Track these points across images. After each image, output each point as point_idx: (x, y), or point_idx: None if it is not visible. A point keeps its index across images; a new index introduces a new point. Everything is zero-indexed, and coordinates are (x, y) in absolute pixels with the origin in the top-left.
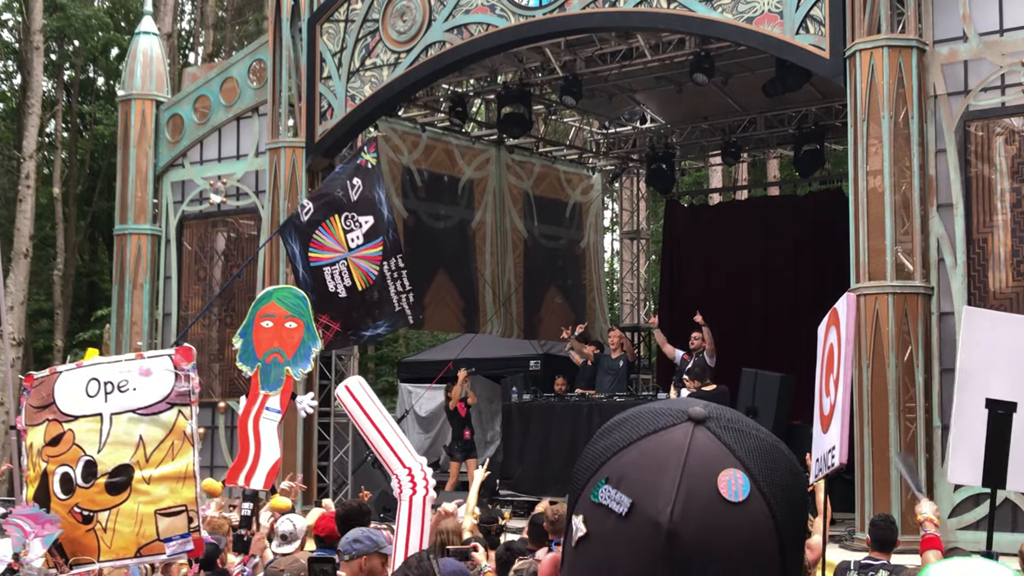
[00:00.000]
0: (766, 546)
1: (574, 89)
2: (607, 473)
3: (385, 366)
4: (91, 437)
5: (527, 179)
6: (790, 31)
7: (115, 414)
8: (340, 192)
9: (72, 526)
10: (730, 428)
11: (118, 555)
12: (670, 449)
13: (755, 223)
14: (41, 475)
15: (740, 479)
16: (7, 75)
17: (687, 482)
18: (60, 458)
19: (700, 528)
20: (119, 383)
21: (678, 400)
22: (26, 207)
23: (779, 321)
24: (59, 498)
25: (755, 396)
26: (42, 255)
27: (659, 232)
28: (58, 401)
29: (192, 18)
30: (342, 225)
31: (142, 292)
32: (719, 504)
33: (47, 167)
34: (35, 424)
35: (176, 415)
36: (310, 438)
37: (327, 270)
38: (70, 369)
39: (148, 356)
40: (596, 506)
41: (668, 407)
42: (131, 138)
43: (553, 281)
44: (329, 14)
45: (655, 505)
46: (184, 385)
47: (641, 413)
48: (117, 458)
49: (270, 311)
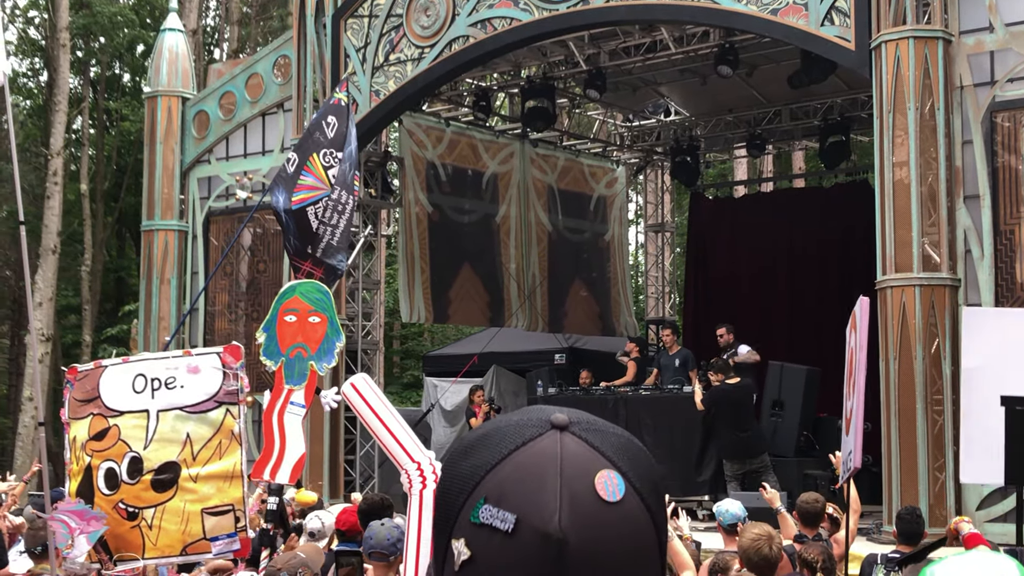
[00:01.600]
0: (647, 539)
1: (598, 82)
2: (484, 493)
3: (410, 360)
4: (137, 433)
5: (551, 173)
6: (815, 23)
7: (162, 411)
8: (318, 134)
9: (117, 522)
10: (592, 429)
11: (163, 553)
12: (544, 459)
13: (780, 215)
14: (85, 469)
15: (615, 479)
16: (34, 72)
17: (567, 489)
18: (105, 453)
19: (587, 533)
20: (166, 380)
21: (533, 409)
22: (54, 203)
23: (805, 314)
24: (103, 493)
25: (781, 389)
26: (70, 251)
27: (684, 225)
28: (103, 396)
29: (217, 14)
30: (322, 162)
31: (169, 287)
32: (599, 506)
33: (74, 164)
34: (79, 417)
35: (224, 414)
36: (336, 432)
37: (310, 209)
38: (116, 364)
39: (196, 354)
40: (478, 527)
41: (528, 417)
42: (157, 134)
43: (578, 274)
44: (353, 9)
45: (541, 516)
46: (233, 384)
47: (502, 427)
48: (164, 455)
49: (293, 305)
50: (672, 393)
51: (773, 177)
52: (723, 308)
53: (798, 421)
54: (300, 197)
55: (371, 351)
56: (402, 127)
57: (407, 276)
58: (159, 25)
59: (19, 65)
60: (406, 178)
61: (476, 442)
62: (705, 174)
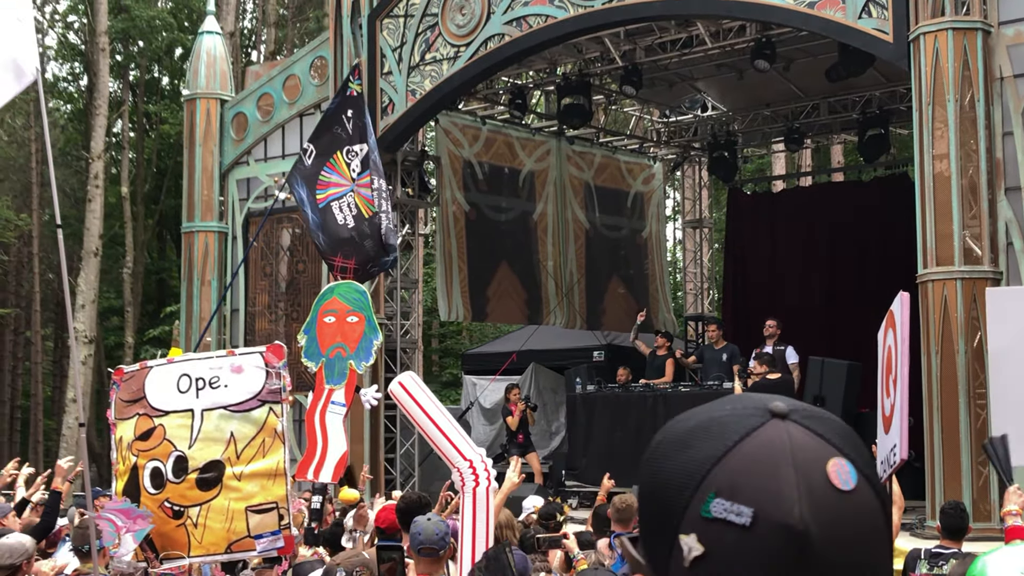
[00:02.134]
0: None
1: (634, 78)
2: (714, 486)
3: (449, 358)
4: (182, 433)
5: (588, 170)
6: (853, 15)
7: (206, 410)
8: (338, 129)
9: (162, 520)
10: (812, 416)
11: (208, 551)
12: (773, 449)
13: (819, 209)
14: (131, 469)
15: (846, 467)
16: (74, 77)
17: (803, 479)
18: (150, 452)
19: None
20: (210, 379)
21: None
22: (95, 207)
23: (845, 308)
24: (149, 492)
25: (822, 384)
26: (111, 254)
27: (722, 220)
28: (149, 396)
29: (254, 17)
30: (344, 159)
31: (210, 288)
32: (836, 495)
33: (115, 167)
34: (125, 418)
35: (267, 412)
36: (376, 431)
37: (335, 204)
38: (161, 364)
39: (239, 353)
40: (710, 522)
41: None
42: (196, 137)
43: (615, 271)
44: (389, 10)
45: (779, 508)
46: (276, 383)
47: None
48: (208, 454)
49: (332, 307)
50: (712, 390)
51: (812, 171)
52: (762, 304)
53: (840, 416)
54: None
55: (410, 350)
56: (438, 126)
57: (445, 275)
58: (197, 28)
59: (59, 70)
60: (443, 177)
61: (691, 434)
62: (743, 169)
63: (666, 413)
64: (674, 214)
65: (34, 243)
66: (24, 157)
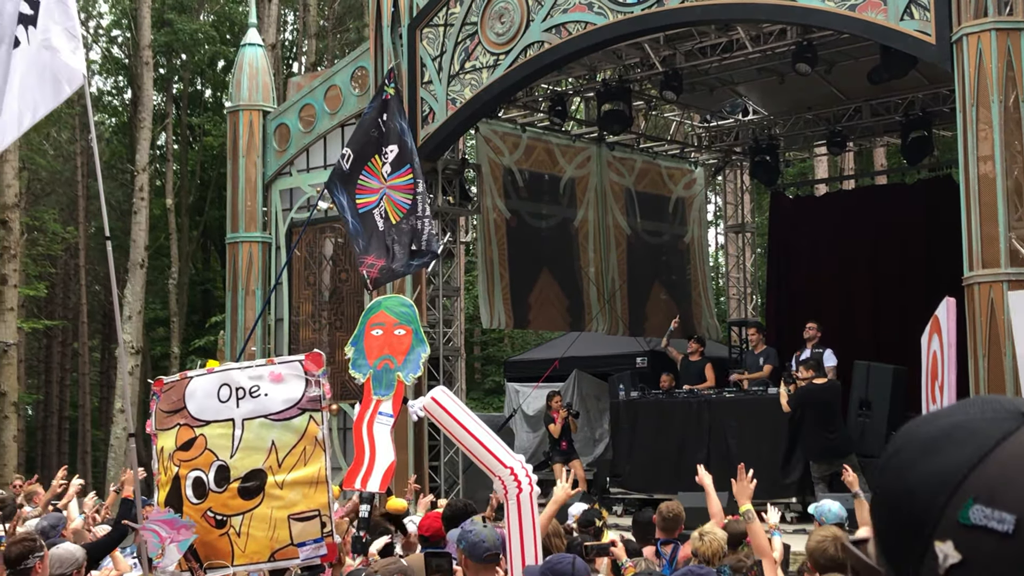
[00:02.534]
0: None
1: (674, 83)
2: (972, 492)
3: (491, 366)
4: (223, 442)
5: (628, 175)
6: (894, 17)
7: (247, 419)
8: (375, 132)
9: (206, 530)
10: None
11: (252, 559)
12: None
13: (863, 213)
14: (172, 479)
15: None
16: (118, 90)
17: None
18: (192, 463)
19: None
20: (251, 388)
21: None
22: (140, 219)
23: (890, 312)
24: (192, 502)
25: (868, 388)
26: (157, 265)
27: (764, 225)
28: (189, 406)
29: (295, 28)
30: (381, 162)
31: (254, 298)
32: None
33: (159, 179)
34: (166, 428)
35: (307, 420)
36: (421, 439)
37: (375, 211)
38: (201, 374)
39: (279, 362)
40: (969, 529)
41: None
42: (240, 148)
43: (657, 277)
44: (428, 19)
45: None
46: (315, 391)
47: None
48: (250, 463)
49: (379, 319)
50: (756, 395)
51: (854, 175)
52: (806, 308)
53: (886, 421)
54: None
55: (452, 358)
56: (479, 134)
57: (487, 282)
58: (239, 41)
59: (104, 84)
60: (483, 185)
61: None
62: (785, 173)
63: (710, 419)
64: (716, 219)
65: (81, 255)
66: (70, 170)
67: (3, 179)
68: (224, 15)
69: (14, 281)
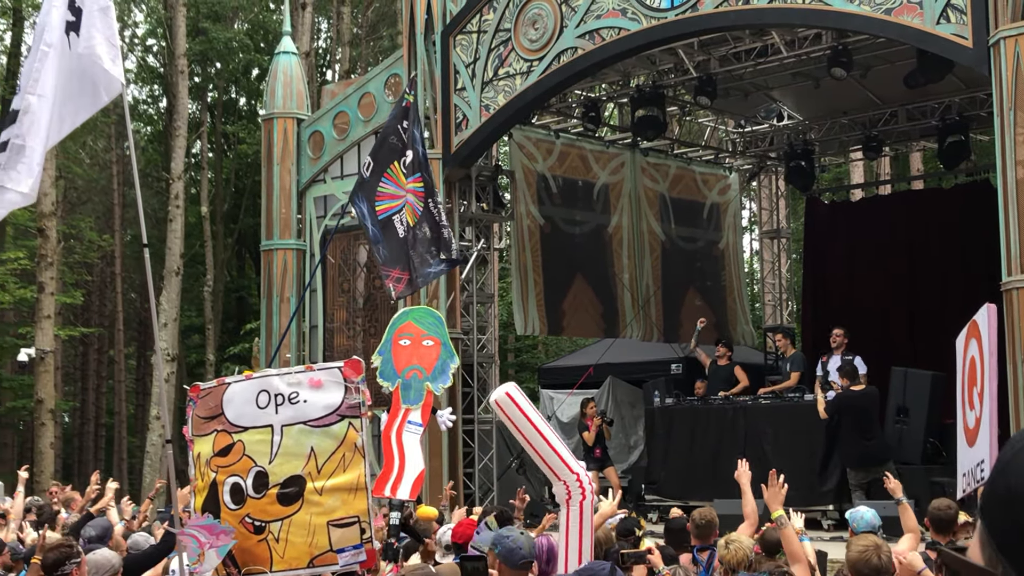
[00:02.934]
0: None
1: (708, 89)
2: None
3: (525, 372)
4: (262, 448)
5: (663, 181)
6: (930, 21)
7: (286, 425)
8: (394, 139)
9: (244, 536)
10: None
11: (291, 565)
12: None
13: (899, 218)
14: (210, 485)
15: None
16: (153, 99)
17: None
18: (230, 468)
19: None
20: (289, 395)
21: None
22: (176, 226)
23: (928, 317)
24: (229, 508)
25: (906, 395)
26: (192, 272)
27: (800, 230)
28: (227, 412)
29: (328, 36)
30: (401, 169)
31: (289, 305)
32: None
33: (194, 187)
34: (203, 434)
35: (347, 427)
36: (455, 446)
37: (395, 218)
38: (238, 380)
39: (318, 368)
40: None
41: None
42: (274, 156)
43: (692, 283)
44: (462, 26)
45: None
46: (355, 397)
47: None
48: (288, 469)
49: (407, 331)
50: (792, 401)
51: (891, 179)
52: (842, 314)
53: (924, 428)
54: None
55: (486, 364)
56: (512, 140)
57: (520, 289)
58: (272, 49)
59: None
60: (517, 191)
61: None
62: (820, 178)
63: (746, 425)
64: (751, 224)
65: (117, 263)
66: (106, 179)
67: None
68: (258, 23)
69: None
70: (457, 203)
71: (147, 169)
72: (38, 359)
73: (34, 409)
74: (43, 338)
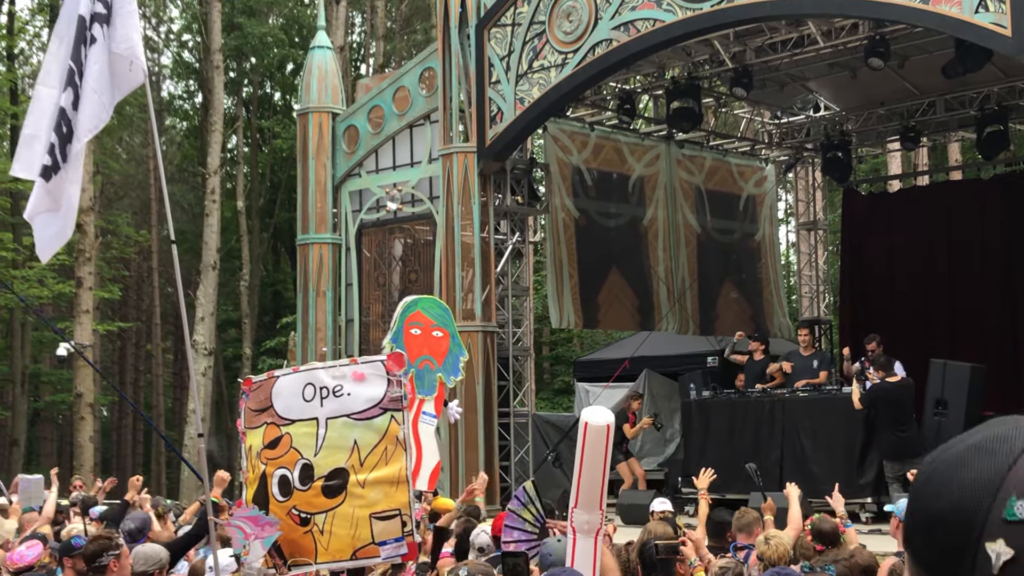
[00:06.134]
0: None
1: (744, 80)
2: (1012, 491)
3: (560, 366)
4: (308, 441)
5: (698, 173)
6: (969, 10)
7: (330, 418)
8: None
9: (290, 528)
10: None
11: (335, 557)
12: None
13: (938, 208)
14: (260, 477)
15: None
16: (189, 95)
17: None
18: (278, 461)
19: None
20: (334, 388)
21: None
22: (212, 221)
23: (967, 309)
24: (278, 500)
25: (944, 387)
26: (228, 267)
27: (836, 222)
28: (276, 405)
29: (362, 30)
30: None
31: (325, 299)
32: None
33: (230, 182)
34: (254, 427)
35: (389, 420)
36: (491, 439)
37: None
38: (287, 373)
39: (361, 361)
40: (1016, 524)
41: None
42: (309, 150)
43: (728, 276)
44: (496, 19)
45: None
46: (397, 391)
47: (997, 436)
48: (333, 462)
49: (417, 319)
50: (831, 395)
51: (929, 170)
52: (880, 306)
53: (963, 420)
54: None
55: (521, 357)
56: (547, 133)
57: (556, 282)
58: (307, 44)
59: (175, 88)
60: (552, 184)
61: (968, 454)
62: (857, 169)
63: (784, 419)
64: (787, 216)
65: (153, 258)
66: (142, 174)
67: None
68: (292, 18)
69: (89, 284)
70: (492, 196)
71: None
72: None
73: (73, 403)
74: (82, 333)
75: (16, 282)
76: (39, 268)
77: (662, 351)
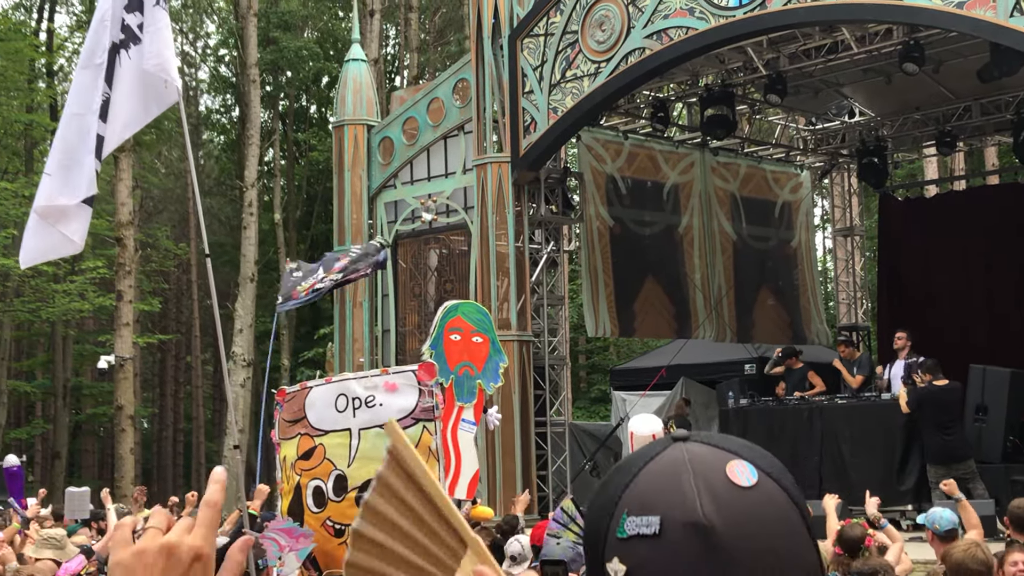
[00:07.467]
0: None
1: (778, 86)
2: (625, 508)
3: (597, 374)
4: (341, 452)
5: (733, 180)
6: (1004, 14)
7: (363, 429)
8: None
9: (325, 539)
10: (712, 436)
11: None
12: (674, 464)
13: (975, 213)
14: (295, 488)
15: (745, 466)
16: (226, 109)
17: (701, 481)
18: (313, 472)
19: (731, 517)
20: (366, 398)
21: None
22: (250, 234)
23: (1006, 314)
24: (312, 511)
25: (984, 393)
26: (266, 279)
27: (873, 228)
28: (309, 416)
29: (396, 43)
30: None
31: (362, 310)
32: (737, 492)
33: (267, 195)
34: (288, 438)
35: (421, 431)
36: (528, 448)
37: None
38: (320, 384)
39: (393, 372)
40: (626, 541)
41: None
42: (345, 162)
43: (764, 283)
44: (529, 29)
45: (683, 509)
46: (428, 401)
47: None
48: (366, 473)
49: (457, 325)
50: (871, 401)
51: (965, 175)
52: (918, 312)
53: (1003, 425)
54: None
55: (558, 366)
56: (580, 142)
57: (591, 291)
58: (342, 57)
59: (212, 102)
60: (586, 193)
61: (609, 475)
62: (893, 175)
63: (823, 426)
64: (823, 223)
65: (193, 271)
66: (181, 188)
67: (117, 198)
68: (327, 32)
69: (129, 297)
70: (526, 206)
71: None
72: (117, 366)
73: (114, 415)
74: (122, 345)
75: (57, 296)
76: (80, 282)
77: (699, 359)
